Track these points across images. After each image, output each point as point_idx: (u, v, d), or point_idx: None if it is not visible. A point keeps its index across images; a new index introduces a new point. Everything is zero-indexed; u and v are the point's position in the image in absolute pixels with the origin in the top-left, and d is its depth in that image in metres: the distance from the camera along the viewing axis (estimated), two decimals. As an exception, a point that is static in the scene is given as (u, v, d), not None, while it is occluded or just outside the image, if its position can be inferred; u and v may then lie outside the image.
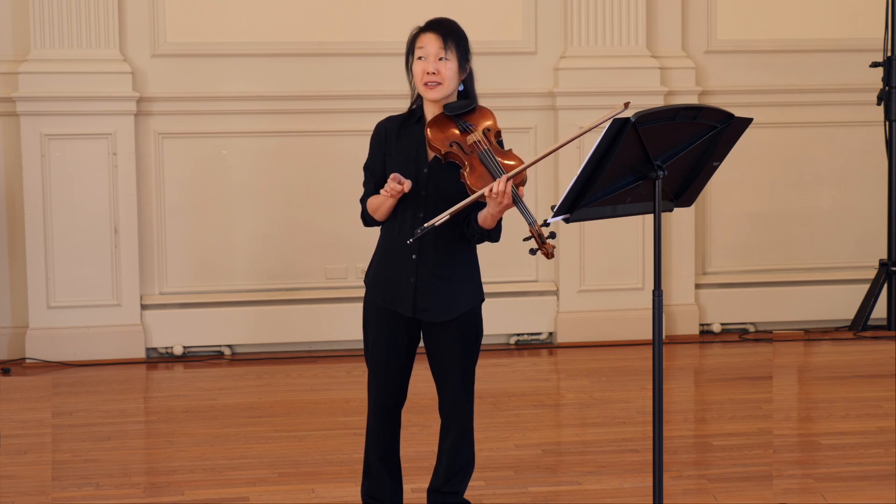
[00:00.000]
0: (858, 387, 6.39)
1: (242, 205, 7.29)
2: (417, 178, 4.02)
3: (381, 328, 4.11)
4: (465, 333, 4.11)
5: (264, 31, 7.26)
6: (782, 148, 7.78)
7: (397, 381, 4.14)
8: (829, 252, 7.87)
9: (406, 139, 4.07)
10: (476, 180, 3.91)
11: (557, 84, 7.41)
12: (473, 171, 3.92)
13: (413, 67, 4.04)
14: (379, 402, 4.16)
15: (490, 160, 3.93)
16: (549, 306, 7.51)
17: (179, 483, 4.95)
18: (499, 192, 3.83)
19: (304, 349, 7.32)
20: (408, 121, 4.10)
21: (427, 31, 4.06)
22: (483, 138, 3.98)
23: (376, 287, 4.12)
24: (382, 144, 4.10)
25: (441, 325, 4.08)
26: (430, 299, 4.05)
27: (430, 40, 4.02)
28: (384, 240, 4.12)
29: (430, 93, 4.01)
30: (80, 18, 7.01)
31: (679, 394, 6.46)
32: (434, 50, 4.00)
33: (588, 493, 4.77)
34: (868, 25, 7.71)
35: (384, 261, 4.10)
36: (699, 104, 4.74)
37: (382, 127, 4.12)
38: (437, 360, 4.13)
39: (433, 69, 3.99)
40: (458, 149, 3.95)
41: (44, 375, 6.83)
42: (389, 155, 4.08)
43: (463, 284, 4.10)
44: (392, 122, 4.12)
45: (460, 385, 4.11)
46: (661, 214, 3.64)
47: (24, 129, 6.99)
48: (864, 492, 4.74)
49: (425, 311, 4.06)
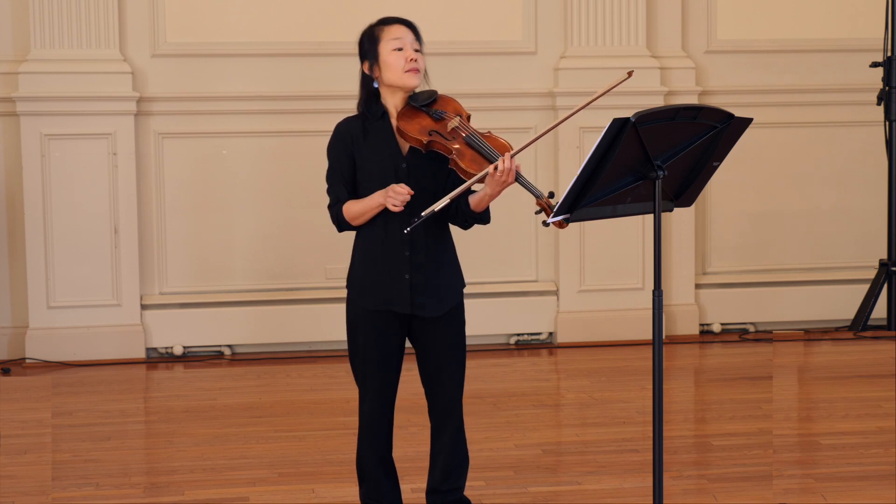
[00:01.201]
0: (858, 387, 6.39)
1: (242, 205, 7.30)
2: (396, 174, 3.98)
3: (374, 332, 4.05)
4: (455, 327, 4.09)
5: (264, 31, 7.26)
6: (782, 148, 7.78)
7: (395, 383, 4.12)
8: (828, 252, 7.87)
9: (374, 137, 4.02)
10: (470, 163, 3.88)
11: (557, 84, 7.41)
12: (464, 156, 3.90)
13: (386, 58, 3.99)
14: (378, 407, 4.11)
15: (479, 143, 3.91)
16: (549, 306, 7.51)
17: (179, 483, 4.95)
18: (505, 169, 3.82)
19: (304, 349, 7.32)
20: (370, 119, 4.05)
21: (395, 23, 4.05)
22: (462, 123, 3.96)
23: (366, 291, 4.05)
24: (349, 146, 4.03)
25: (433, 321, 4.06)
26: (426, 294, 4.03)
27: (403, 30, 4.03)
28: (367, 242, 4.05)
29: (413, 79, 3.98)
30: (80, 18, 7.01)
31: (679, 394, 6.46)
32: (410, 38, 4.01)
33: (588, 493, 4.77)
34: (868, 25, 7.71)
35: (372, 262, 4.04)
36: (699, 104, 4.74)
37: (344, 129, 4.06)
38: (428, 358, 4.09)
39: (414, 56, 3.98)
40: (440, 137, 3.93)
41: (44, 375, 6.83)
42: (360, 155, 4.02)
43: (452, 275, 4.09)
44: (353, 123, 4.06)
45: (455, 381, 4.08)
46: (661, 214, 3.64)
47: (24, 129, 7.00)
48: (864, 492, 4.74)
49: (423, 307, 4.04)
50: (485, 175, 3.84)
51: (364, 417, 4.14)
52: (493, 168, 3.83)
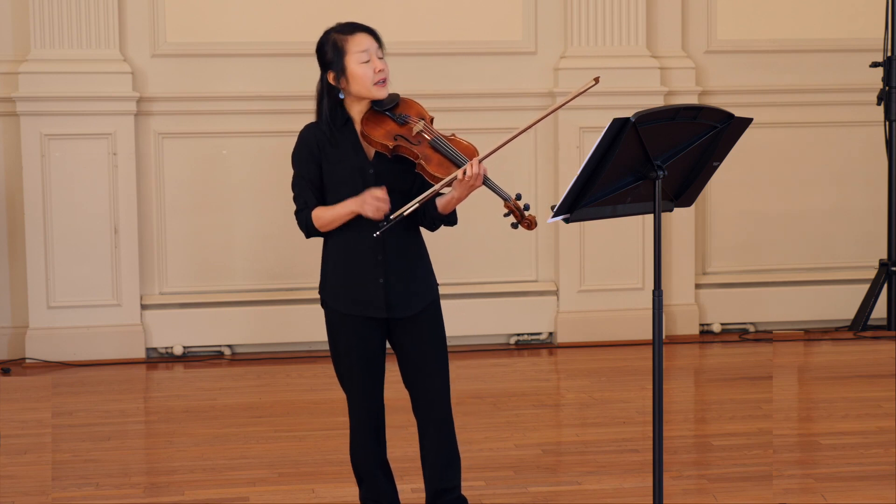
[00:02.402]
0: (858, 387, 6.39)
1: (242, 205, 7.30)
2: (364, 179, 3.97)
3: (354, 338, 4.04)
4: (432, 323, 4.06)
5: (264, 31, 7.26)
6: (782, 148, 7.78)
7: (380, 385, 4.10)
8: (829, 252, 7.87)
9: (341, 143, 4.00)
10: (437, 168, 3.88)
11: (557, 84, 7.41)
12: (430, 161, 3.89)
13: (354, 70, 3.95)
14: (365, 411, 4.09)
15: (444, 147, 3.91)
16: (549, 306, 7.51)
17: (179, 483, 4.95)
18: (473, 174, 3.82)
19: (304, 349, 7.32)
20: (333, 125, 4.02)
21: (359, 31, 4.01)
22: (427, 127, 3.95)
23: (339, 297, 4.05)
24: (315, 153, 4.00)
25: (410, 320, 4.04)
26: (400, 296, 4.02)
27: (368, 40, 3.99)
28: (338, 247, 4.05)
29: (381, 90, 3.96)
30: (80, 18, 7.01)
31: (679, 394, 6.46)
32: (374, 48, 3.98)
33: (588, 493, 4.77)
34: (868, 25, 7.71)
35: (344, 268, 4.04)
36: (699, 104, 4.74)
37: (310, 135, 4.03)
38: (409, 355, 4.07)
39: (381, 66, 3.96)
40: (405, 141, 3.92)
41: (44, 375, 6.83)
42: (326, 162, 4.00)
43: (424, 274, 4.08)
44: (318, 129, 4.03)
45: (437, 377, 4.05)
46: (661, 214, 3.64)
47: (24, 129, 6.99)
48: (864, 492, 4.74)
49: (398, 309, 4.03)
50: (452, 179, 3.85)
51: (353, 422, 4.13)
52: (462, 173, 3.83)
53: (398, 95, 4.05)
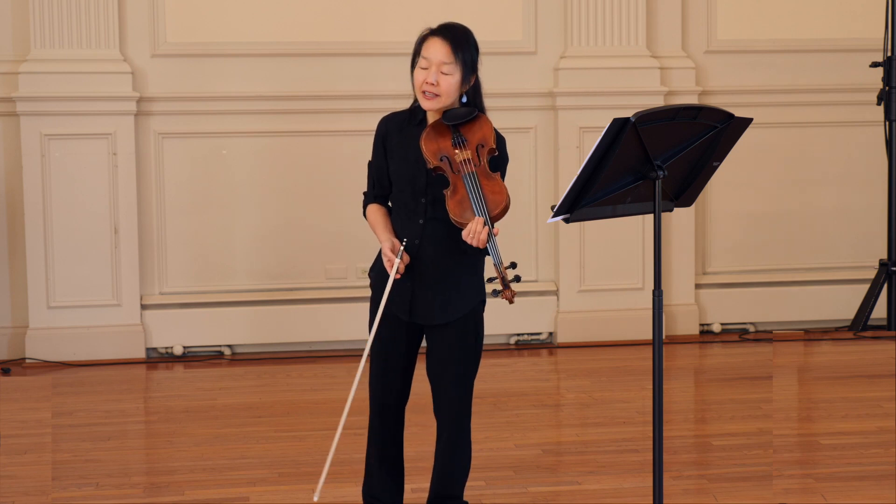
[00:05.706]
0: (858, 387, 6.39)
1: (242, 205, 7.30)
2: (416, 182, 3.97)
3: (383, 322, 4.03)
4: (463, 335, 4.05)
5: (264, 31, 7.26)
6: (782, 148, 7.78)
7: (398, 379, 4.09)
8: (829, 252, 7.87)
9: (406, 141, 3.99)
10: (455, 206, 3.84)
11: (557, 84, 7.41)
12: (455, 194, 3.85)
13: (415, 74, 3.95)
14: (378, 400, 4.11)
15: (474, 187, 3.84)
16: (549, 306, 7.50)
17: (179, 483, 4.95)
18: (474, 232, 3.80)
19: (304, 349, 7.32)
20: (409, 121, 4.02)
21: (436, 35, 3.97)
22: (474, 156, 3.88)
23: (377, 287, 4.07)
24: (383, 143, 4.03)
25: (440, 327, 4.04)
26: (426, 304, 4.01)
27: (437, 48, 3.93)
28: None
29: (426, 103, 3.92)
30: (80, 18, 7.01)
31: (679, 394, 6.46)
32: (438, 59, 3.91)
33: (588, 493, 4.77)
34: (868, 25, 7.71)
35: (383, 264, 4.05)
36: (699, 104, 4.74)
37: (384, 125, 4.04)
38: (432, 360, 4.07)
39: (433, 80, 3.90)
40: (448, 165, 3.87)
41: (44, 375, 6.83)
42: (391, 155, 4.01)
43: (460, 288, 4.04)
44: (392, 122, 4.04)
45: (453, 386, 4.03)
46: (661, 214, 3.64)
47: (24, 129, 6.99)
48: (864, 492, 4.74)
49: (421, 316, 4.03)
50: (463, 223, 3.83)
51: (370, 417, 4.15)
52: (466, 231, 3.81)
53: (475, 111, 3.97)
